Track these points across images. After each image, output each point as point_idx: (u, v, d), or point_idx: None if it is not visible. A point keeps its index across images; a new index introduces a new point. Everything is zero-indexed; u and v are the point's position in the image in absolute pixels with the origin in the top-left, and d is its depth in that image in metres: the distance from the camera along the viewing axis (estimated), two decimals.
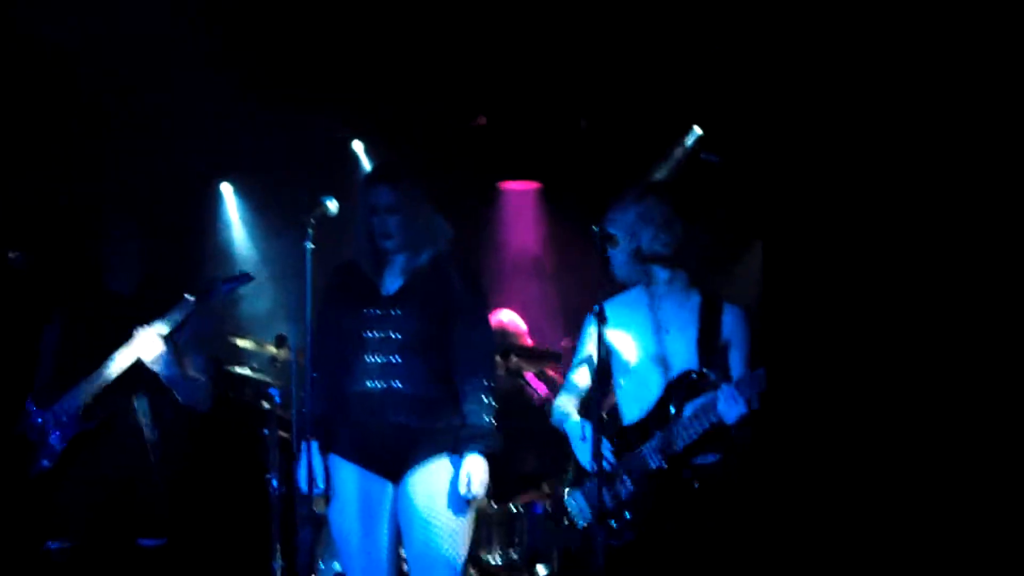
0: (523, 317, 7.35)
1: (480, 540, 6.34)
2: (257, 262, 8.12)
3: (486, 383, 4.84)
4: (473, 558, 5.51)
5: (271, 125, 7.53)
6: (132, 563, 5.56)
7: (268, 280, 8.03)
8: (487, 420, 4.79)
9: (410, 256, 4.91)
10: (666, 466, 4.73)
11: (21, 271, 5.81)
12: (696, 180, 7.60)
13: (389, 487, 4.81)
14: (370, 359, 4.80)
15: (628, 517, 4.78)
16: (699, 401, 4.71)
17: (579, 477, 4.95)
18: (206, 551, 7.23)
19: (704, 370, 4.77)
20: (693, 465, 4.73)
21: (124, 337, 5.54)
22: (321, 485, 4.79)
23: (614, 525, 4.79)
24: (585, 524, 4.91)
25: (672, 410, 4.76)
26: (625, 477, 4.80)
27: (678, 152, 8.07)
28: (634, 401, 4.90)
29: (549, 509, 6.41)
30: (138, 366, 5.55)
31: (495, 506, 6.42)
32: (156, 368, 5.52)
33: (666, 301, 4.94)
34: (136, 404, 5.58)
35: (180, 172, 7.59)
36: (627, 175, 7.98)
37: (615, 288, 5.02)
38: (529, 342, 7.16)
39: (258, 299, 8.00)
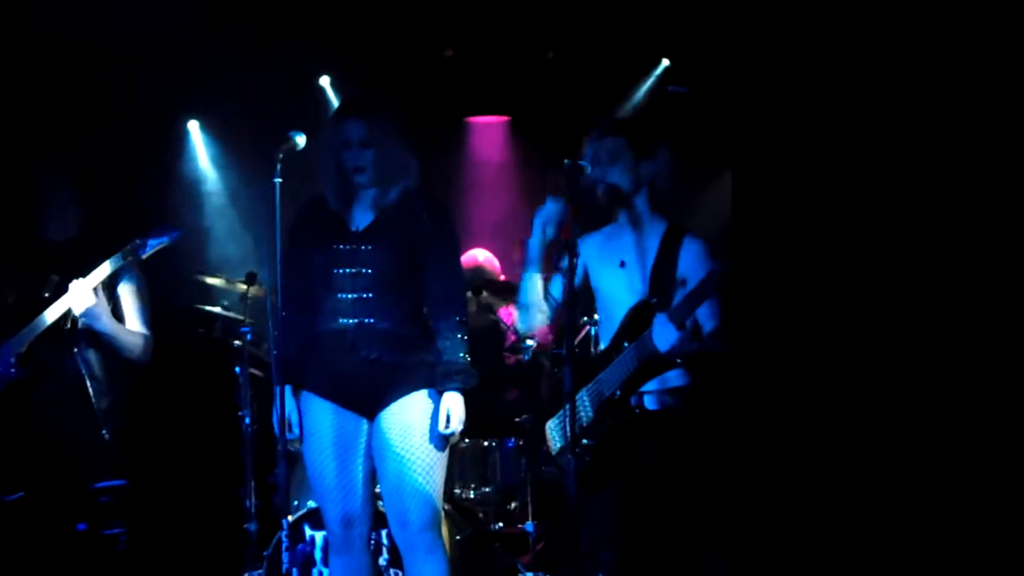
0: (493, 252, 7.35)
1: (452, 476, 6.36)
2: (226, 199, 8.08)
3: (459, 319, 4.84)
4: (446, 494, 5.51)
5: (237, 61, 7.47)
6: (92, 507, 5.51)
7: (237, 217, 8.00)
8: (462, 356, 4.80)
9: (381, 191, 4.85)
10: (619, 394, 4.83)
11: None
12: (664, 112, 7.59)
13: (364, 423, 4.81)
14: (341, 296, 4.77)
15: (586, 443, 4.89)
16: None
17: (556, 405, 5.06)
18: (177, 491, 7.26)
19: (653, 300, 4.82)
20: (640, 393, 4.84)
21: (59, 288, 5.48)
22: (296, 431, 4.77)
23: (577, 450, 4.77)
24: (556, 449, 5.06)
25: (625, 342, 4.84)
26: (588, 404, 4.93)
27: (646, 84, 8.05)
28: (605, 332, 5.03)
29: (521, 444, 6.44)
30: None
31: (467, 441, 6.44)
32: (86, 320, 5.44)
33: (630, 235, 5.02)
34: (78, 355, 5.52)
35: (145, 110, 7.51)
36: (596, 108, 7.98)
37: (587, 221, 5.04)
38: (502, 279, 7.18)
39: (228, 237, 7.97)
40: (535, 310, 5.15)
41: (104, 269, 5.43)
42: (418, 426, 4.74)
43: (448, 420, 4.74)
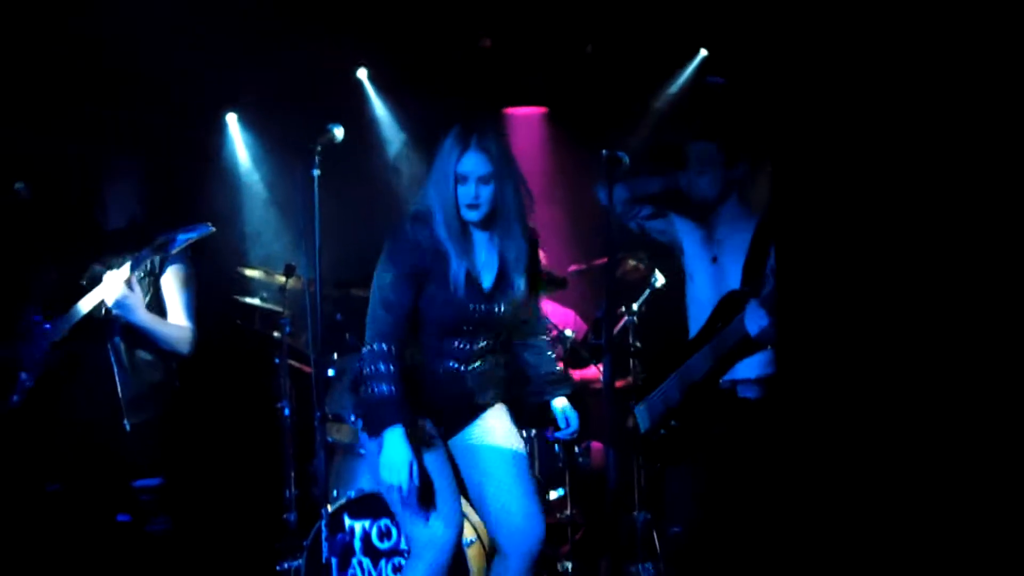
0: None
1: None
2: (264, 191, 8.11)
3: (546, 336, 4.82)
4: None
5: (275, 54, 7.49)
6: (130, 503, 5.54)
7: (275, 210, 8.03)
8: (559, 367, 4.79)
9: (501, 234, 4.53)
10: (707, 379, 5.01)
11: (26, 201, 5.77)
12: (702, 103, 7.56)
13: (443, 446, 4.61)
14: (461, 345, 4.51)
15: (674, 424, 5.08)
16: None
17: (647, 388, 5.27)
18: (217, 482, 7.29)
19: (746, 289, 4.96)
20: (729, 379, 5.01)
21: (96, 278, 5.49)
22: (416, 481, 4.34)
23: (662, 432, 5.13)
24: (644, 430, 5.26)
25: (719, 326, 5.00)
26: (676, 387, 5.10)
27: (684, 75, 8.03)
28: (696, 323, 5.20)
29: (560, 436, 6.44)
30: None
31: None
32: (118, 312, 5.45)
33: (721, 232, 5.19)
34: (109, 347, 5.53)
35: (185, 104, 7.55)
36: (634, 99, 7.97)
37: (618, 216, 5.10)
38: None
39: (266, 229, 8.01)
40: None
41: (135, 262, 5.45)
42: (511, 427, 4.64)
43: (570, 422, 4.70)
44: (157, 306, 5.58)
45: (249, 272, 6.77)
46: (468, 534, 5.35)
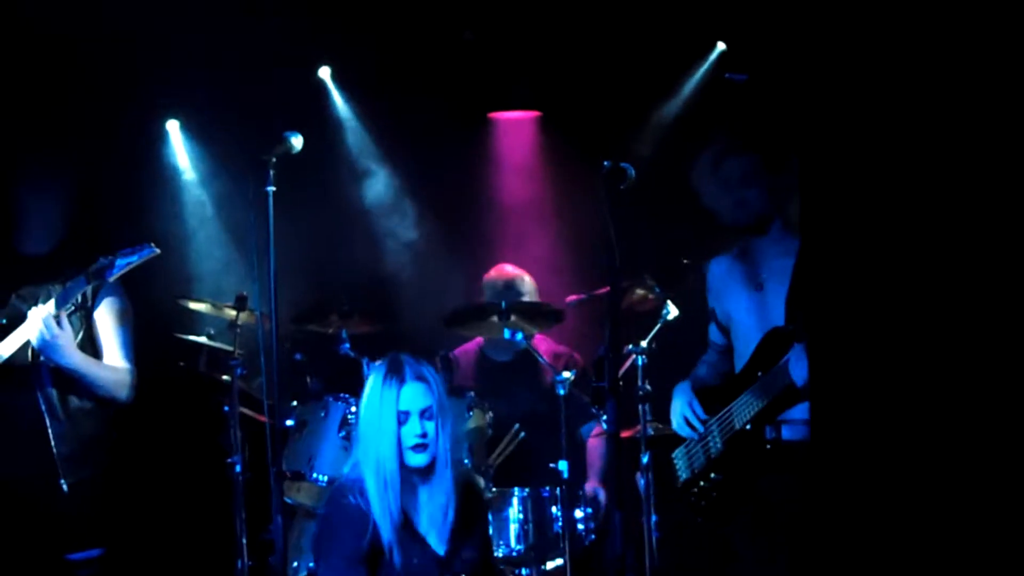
0: (521, 266, 7.34)
1: None
2: (210, 210, 8.09)
3: None
4: None
5: (224, 51, 7.48)
6: None
7: (224, 231, 8.00)
8: None
9: (440, 478, 4.86)
10: (750, 427, 5.11)
11: None
12: (721, 103, 7.56)
13: None
14: None
15: (714, 477, 5.24)
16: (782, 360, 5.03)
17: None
18: (159, 553, 7.24)
19: (791, 327, 5.03)
20: (777, 422, 5.09)
21: (18, 315, 5.46)
22: None
23: (703, 484, 5.30)
24: (683, 480, 5.41)
25: (759, 372, 5.10)
26: (716, 435, 5.24)
27: (699, 72, 8.04)
28: (741, 358, 5.28)
29: (558, 492, 6.41)
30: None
31: (494, 490, 6.42)
32: (45, 354, 5.41)
33: (764, 255, 5.29)
34: (39, 396, 5.50)
35: (119, 109, 7.54)
36: (641, 100, 7.96)
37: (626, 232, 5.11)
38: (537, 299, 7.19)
39: (213, 253, 7.98)
40: None
41: (64, 295, 5.41)
42: None
43: None
44: (91, 345, 5.55)
45: (194, 304, 6.74)
46: None
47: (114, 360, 5.59)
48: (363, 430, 4.78)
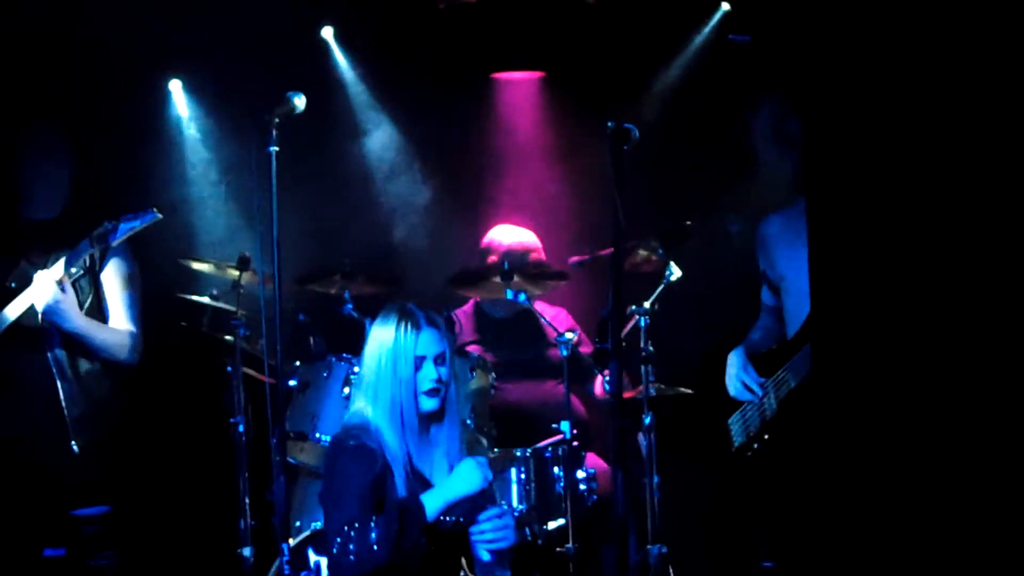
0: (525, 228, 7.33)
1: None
2: (214, 170, 8.06)
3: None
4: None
5: (226, 10, 7.44)
6: (74, 534, 5.54)
7: (227, 192, 7.98)
8: None
9: (450, 422, 4.95)
10: (806, 385, 5.16)
11: None
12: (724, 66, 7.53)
13: None
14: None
15: (768, 439, 5.31)
16: None
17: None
18: (162, 513, 7.25)
19: None
20: None
21: (26, 278, 5.46)
22: None
23: (757, 447, 5.38)
24: (738, 444, 5.47)
25: None
26: (772, 396, 5.30)
27: (703, 32, 8.00)
28: (794, 319, 5.35)
29: (560, 452, 6.41)
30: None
31: (496, 451, 6.42)
32: (49, 318, 5.42)
33: None
34: (50, 359, 5.50)
35: (120, 69, 7.50)
36: (646, 61, 7.92)
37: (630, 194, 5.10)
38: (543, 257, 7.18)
39: (216, 214, 7.96)
40: None
41: (70, 260, 5.41)
42: None
43: None
44: (98, 309, 5.56)
45: (196, 265, 6.73)
46: None
47: (120, 323, 5.60)
48: (378, 375, 4.78)
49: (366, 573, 4.49)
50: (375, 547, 4.46)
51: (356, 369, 6.17)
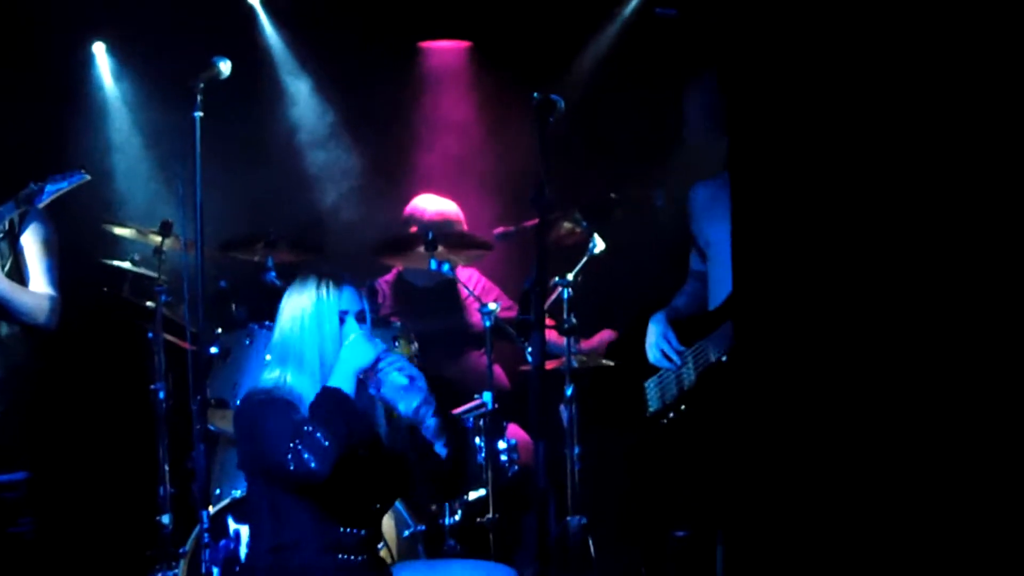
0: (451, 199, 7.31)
1: None
2: (138, 134, 8.00)
3: None
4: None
5: None
6: None
7: (150, 157, 7.92)
8: None
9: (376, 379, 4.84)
10: (725, 359, 5.12)
11: None
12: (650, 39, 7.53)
13: None
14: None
15: (684, 409, 5.26)
16: None
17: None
18: (81, 479, 7.20)
19: None
20: None
21: None
22: None
23: (672, 416, 5.32)
24: (653, 410, 5.40)
25: None
26: (691, 367, 5.25)
27: (631, 4, 7.99)
28: (719, 288, 5.29)
29: (481, 423, 6.41)
30: None
31: None
32: None
33: None
34: None
35: (42, 30, 7.42)
36: (573, 33, 7.91)
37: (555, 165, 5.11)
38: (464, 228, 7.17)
39: (139, 179, 7.90)
40: None
41: None
42: None
43: None
44: (17, 272, 5.52)
45: (118, 230, 6.68)
46: None
47: (39, 286, 5.56)
48: (302, 338, 4.68)
49: (333, 465, 4.46)
50: (326, 442, 4.43)
51: None
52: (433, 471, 4.88)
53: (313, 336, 4.68)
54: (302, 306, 4.71)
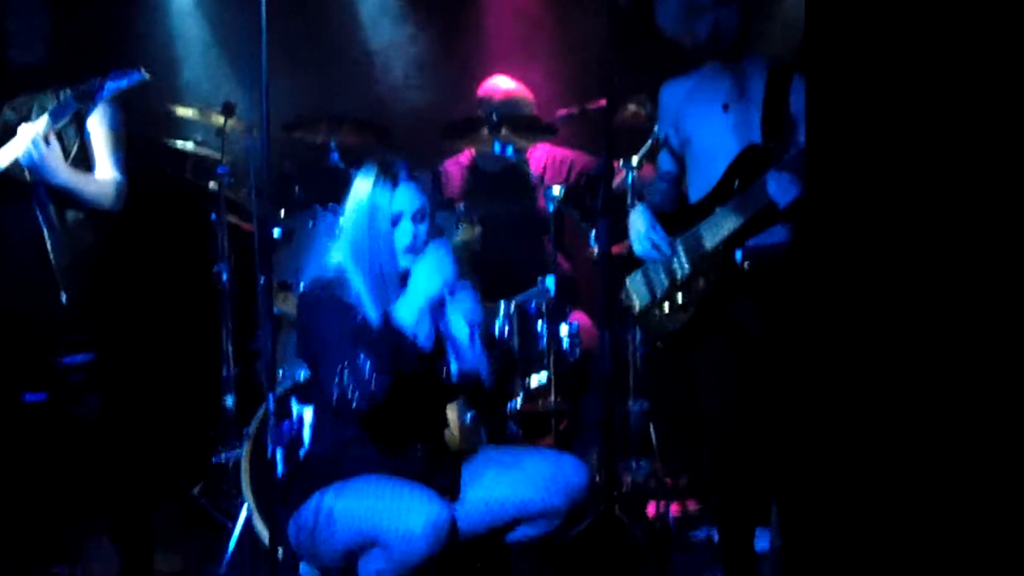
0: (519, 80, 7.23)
1: None
2: (200, 14, 7.93)
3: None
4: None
5: None
6: (57, 381, 5.52)
7: (214, 37, 7.86)
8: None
9: None
10: (721, 247, 5.05)
11: None
12: None
13: None
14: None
15: (681, 300, 5.16)
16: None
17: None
18: (146, 361, 7.23)
19: (769, 144, 4.98)
20: (747, 247, 5.02)
21: (9, 130, 5.41)
22: None
23: (667, 309, 5.23)
24: (643, 305, 5.36)
25: (736, 185, 5.02)
26: (682, 256, 5.17)
27: None
28: (702, 180, 5.21)
29: (543, 306, 6.37)
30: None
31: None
32: (38, 174, 5.37)
33: (730, 77, 5.21)
34: (36, 207, 5.47)
35: None
36: None
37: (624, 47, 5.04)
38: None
39: (201, 60, 7.85)
40: None
41: (54, 114, 5.36)
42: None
43: None
44: (84, 156, 5.52)
45: (181, 111, 6.65)
46: None
47: (106, 171, 5.57)
48: (357, 230, 4.64)
49: (372, 407, 4.42)
50: (372, 383, 4.39)
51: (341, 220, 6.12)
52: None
53: (365, 232, 4.63)
54: (359, 198, 4.66)
